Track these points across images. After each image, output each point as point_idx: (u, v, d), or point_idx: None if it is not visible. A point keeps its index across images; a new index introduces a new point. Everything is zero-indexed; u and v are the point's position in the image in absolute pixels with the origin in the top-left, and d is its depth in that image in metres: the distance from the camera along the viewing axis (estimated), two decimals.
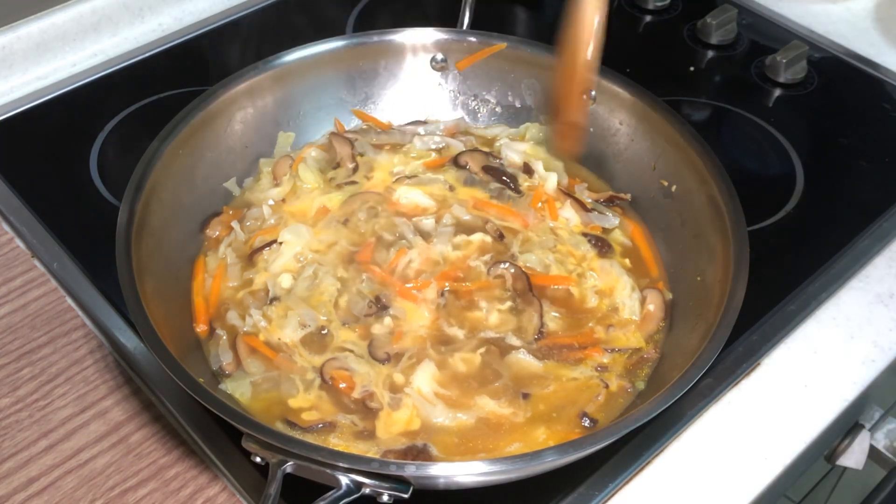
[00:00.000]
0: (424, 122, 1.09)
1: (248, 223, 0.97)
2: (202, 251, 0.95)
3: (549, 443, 0.81)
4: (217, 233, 0.96)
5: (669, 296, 0.92)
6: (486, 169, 1.03)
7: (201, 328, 0.89)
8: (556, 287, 0.93)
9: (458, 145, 1.06)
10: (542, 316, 0.89)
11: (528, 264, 0.93)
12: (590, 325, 0.90)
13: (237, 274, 0.93)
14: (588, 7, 0.92)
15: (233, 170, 1.00)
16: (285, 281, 0.91)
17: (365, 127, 1.08)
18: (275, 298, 0.90)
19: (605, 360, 0.87)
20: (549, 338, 0.88)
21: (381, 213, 0.98)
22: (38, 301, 0.96)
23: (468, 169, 1.03)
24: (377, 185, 1.02)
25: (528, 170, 1.03)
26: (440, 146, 1.06)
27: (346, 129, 1.08)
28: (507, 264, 0.92)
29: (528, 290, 0.91)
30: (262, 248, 0.94)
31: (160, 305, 0.83)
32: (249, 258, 0.94)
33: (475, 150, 1.05)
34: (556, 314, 0.91)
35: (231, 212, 0.98)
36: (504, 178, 1.02)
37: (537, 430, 0.82)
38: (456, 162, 1.04)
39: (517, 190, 1.01)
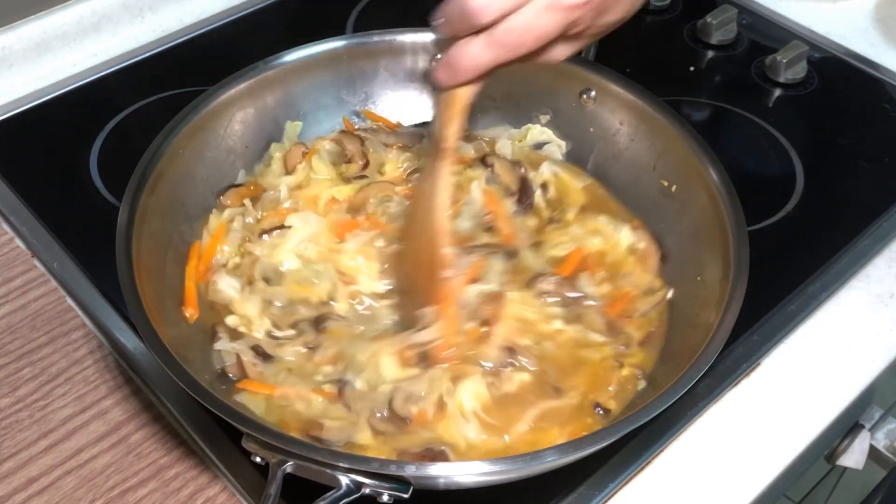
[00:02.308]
0: (432, 122, 1.09)
1: (265, 203, 0.98)
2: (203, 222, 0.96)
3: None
4: (230, 202, 0.97)
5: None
6: (510, 174, 1.02)
7: (190, 312, 0.88)
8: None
9: (466, 148, 1.05)
10: (608, 319, 0.89)
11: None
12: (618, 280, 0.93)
13: (236, 241, 0.93)
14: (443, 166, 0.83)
15: (233, 170, 1.00)
16: (288, 262, 0.91)
17: (374, 127, 1.08)
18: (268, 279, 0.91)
19: (635, 318, 0.89)
20: (613, 304, 0.90)
21: (394, 199, 0.97)
22: (38, 301, 0.96)
23: (493, 169, 1.02)
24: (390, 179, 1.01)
25: (544, 187, 1.02)
26: None
27: (356, 127, 1.08)
28: (552, 278, 0.91)
29: (580, 296, 0.91)
30: (272, 230, 0.94)
31: (160, 305, 0.83)
32: (259, 237, 0.94)
33: (502, 157, 1.04)
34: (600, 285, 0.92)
35: (252, 187, 0.99)
36: (522, 186, 1.00)
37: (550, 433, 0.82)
38: (483, 161, 1.03)
39: (528, 204, 1.00)
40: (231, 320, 0.88)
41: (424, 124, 1.08)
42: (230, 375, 0.84)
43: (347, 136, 1.04)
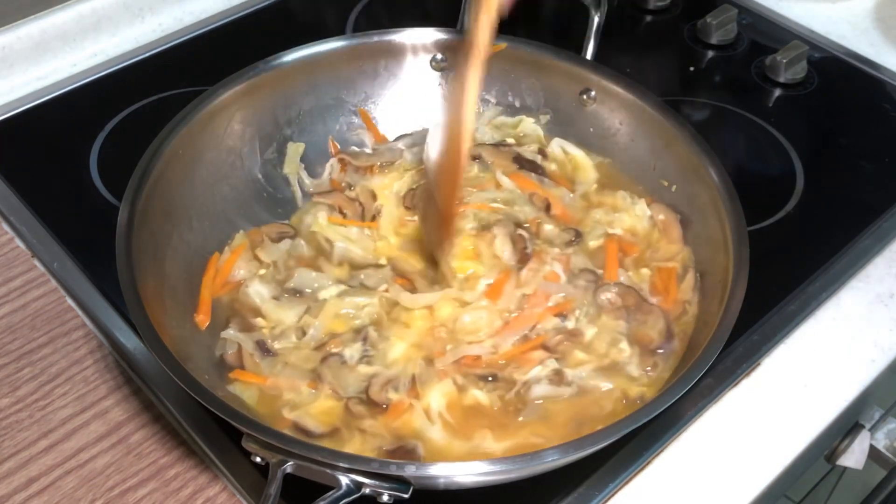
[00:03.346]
0: (410, 135, 1.08)
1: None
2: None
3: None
4: (265, 230, 0.98)
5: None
6: (501, 155, 1.01)
7: (201, 318, 0.88)
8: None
9: None
10: (668, 319, 0.87)
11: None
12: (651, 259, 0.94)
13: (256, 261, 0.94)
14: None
15: (233, 169, 1.00)
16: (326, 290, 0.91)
17: (356, 150, 1.07)
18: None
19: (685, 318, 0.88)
20: (666, 296, 0.90)
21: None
22: (38, 301, 0.96)
23: (482, 159, 1.02)
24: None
25: (542, 153, 1.03)
26: None
27: (340, 148, 1.07)
28: (613, 288, 0.90)
29: (642, 300, 0.89)
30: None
31: (160, 305, 0.83)
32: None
33: (482, 143, 1.04)
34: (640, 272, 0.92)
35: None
36: (521, 162, 1.01)
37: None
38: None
39: (543, 174, 1.01)
40: (259, 322, 0.89)
41: (402, 136, 1.08)
42: (228, 363, 0.85)
43: (333, 194, 1.03)
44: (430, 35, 1.07)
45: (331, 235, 0.97)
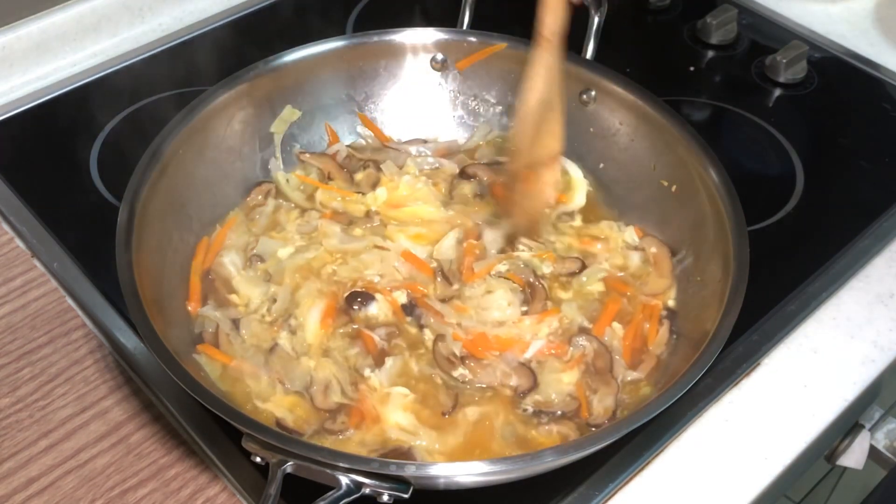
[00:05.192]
0: (424, 142, 1.09)
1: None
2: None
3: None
4: (259, 198, 1.00)
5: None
6: (497, 173, 1.01)
7: (193, 306, 0.89)
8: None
9: (451, 166, 1.05)
10: (617, 403, 0.84)
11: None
12: (631, 296, 0.93)
13: (263, 223, 0.97)
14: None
15: (233, 169, 1.01)
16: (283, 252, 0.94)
17: (363, 143, 1.08)
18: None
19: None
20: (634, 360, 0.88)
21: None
22: (38, 301, 0.96)
23: (477, 180, 1.02)
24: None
25: None
26: (433, 167, 1.05)
27: (346, 143, 1.07)
28: (595, 341, 0.88)
29: (608, 370, 0.86)
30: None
31: (160, 305, 0.83)
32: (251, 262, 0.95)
33: (476, 163, 1.04)
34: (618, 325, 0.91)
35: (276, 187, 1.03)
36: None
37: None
38: (463, 174, 1.03)
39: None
40: (234, 298, 0.91)
41: (414, 141, 1.08)
42: (205, 341, 0.87)
43: (324, 158, 1.04)
44: (430, 35, 1.07)
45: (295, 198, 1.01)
